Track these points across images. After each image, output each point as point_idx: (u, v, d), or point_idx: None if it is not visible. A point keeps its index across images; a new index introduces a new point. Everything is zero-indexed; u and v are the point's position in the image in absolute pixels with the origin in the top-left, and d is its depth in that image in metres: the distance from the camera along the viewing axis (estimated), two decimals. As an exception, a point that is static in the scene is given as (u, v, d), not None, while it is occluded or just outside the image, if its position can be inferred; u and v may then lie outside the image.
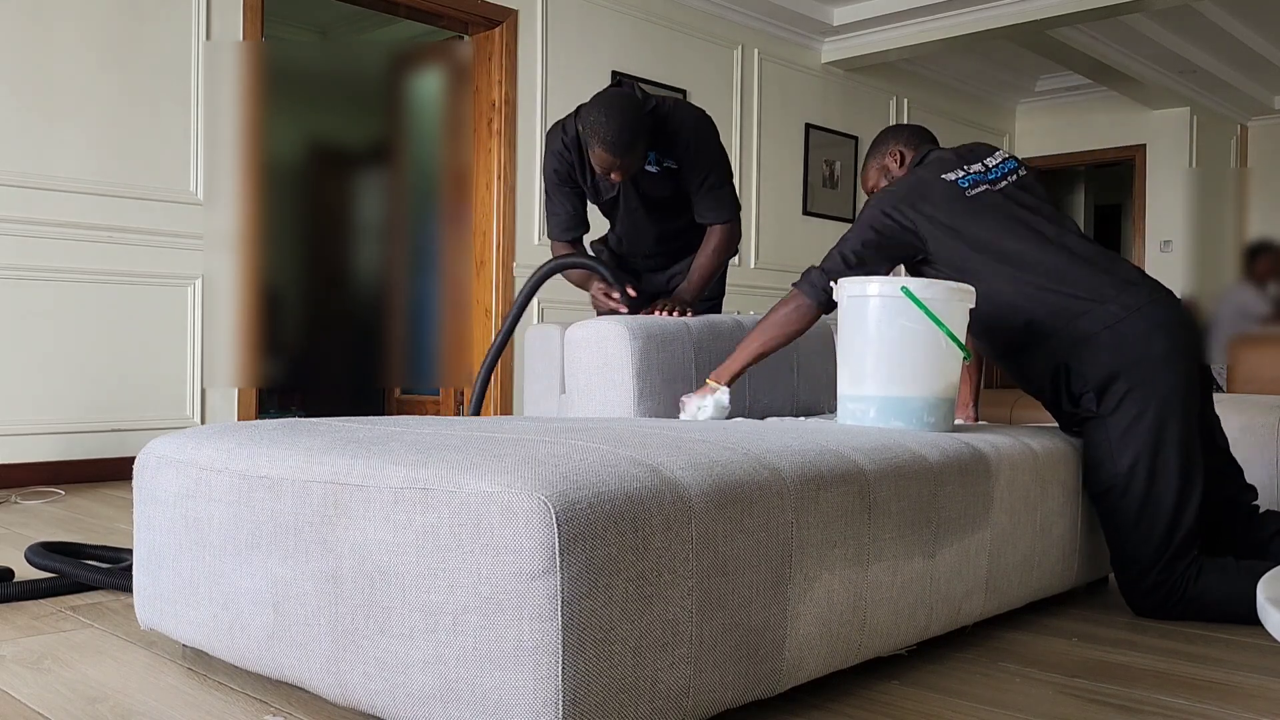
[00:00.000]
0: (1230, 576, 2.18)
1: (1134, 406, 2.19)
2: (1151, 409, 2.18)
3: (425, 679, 1.31)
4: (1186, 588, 2.18)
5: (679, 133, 2.85)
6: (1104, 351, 2.19)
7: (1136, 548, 2.21)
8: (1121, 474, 2.21)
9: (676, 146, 2.86)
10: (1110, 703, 1.68)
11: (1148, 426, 2.18)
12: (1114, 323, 2.19)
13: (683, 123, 2.86)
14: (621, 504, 1.28)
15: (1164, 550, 2.18)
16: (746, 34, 6.48)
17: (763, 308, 6.79)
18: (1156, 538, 2.18)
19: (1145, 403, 2.18)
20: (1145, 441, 2.18)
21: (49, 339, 3.94)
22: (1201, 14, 6.61)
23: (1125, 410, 2.19)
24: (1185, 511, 2.19)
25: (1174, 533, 2.18)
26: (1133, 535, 2.21)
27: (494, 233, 5.32)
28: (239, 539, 1.56)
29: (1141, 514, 2.19)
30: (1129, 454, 2.19)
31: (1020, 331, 2.28)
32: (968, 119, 8.38)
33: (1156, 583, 2.20)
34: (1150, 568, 2.20)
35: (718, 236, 2.93)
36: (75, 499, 3.63)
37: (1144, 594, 2.22)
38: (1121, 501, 2.21)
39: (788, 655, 1.54)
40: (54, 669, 1.73)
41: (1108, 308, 2.20)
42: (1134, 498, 2.20)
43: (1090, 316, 2.21)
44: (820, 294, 2.30)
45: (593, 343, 2.56)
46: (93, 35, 4.03)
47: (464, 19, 5.22)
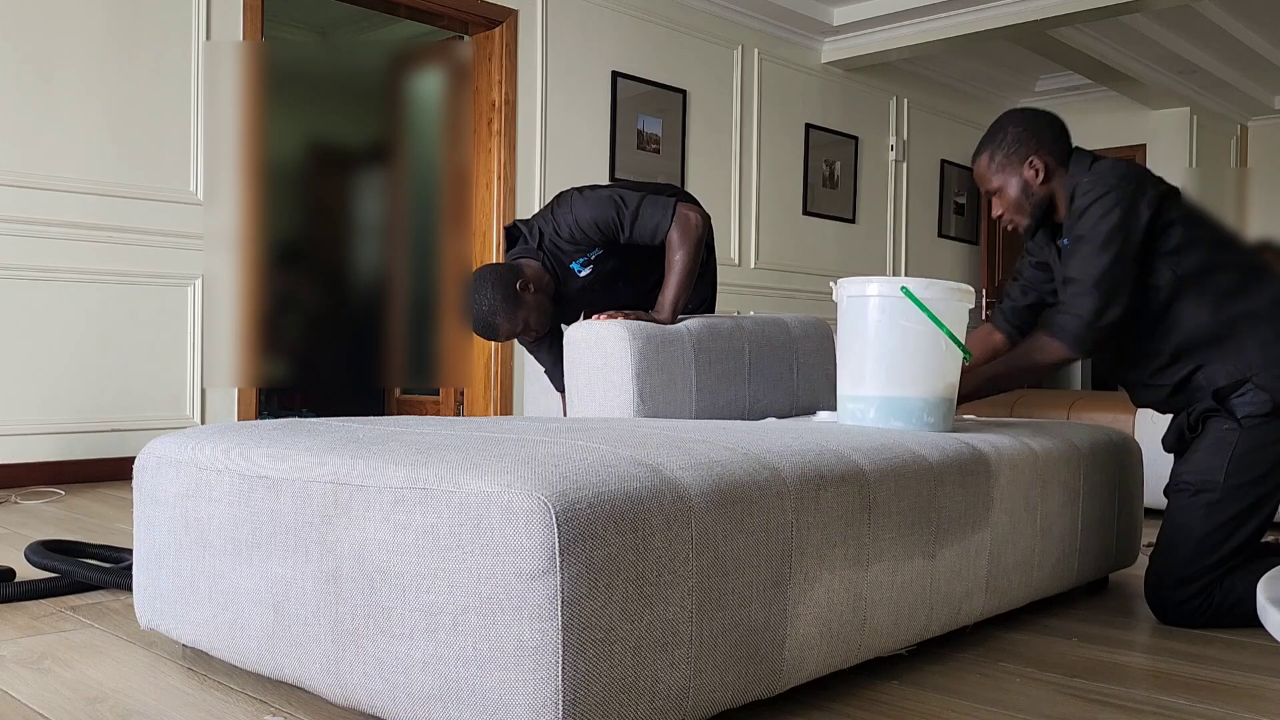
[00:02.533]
0: (1256, 576, 2.14)
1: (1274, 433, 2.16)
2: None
3: (425, 679, 1.31)
4: (1218, 594, 2.15)
5: (574, 227, 2.78)
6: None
7: (1200, 553, 2.16)
8: (1220, 485, 2.16)
9: (583, 237, 2.79)
10: (1110, 703, 1.68)
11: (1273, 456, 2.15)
12: None
13: (569, 219, 2.79)
14: (621, 504, 1.28)
15: (1215, 569, 2.16)
16: (746, 34, 6.48)
17: (763, 308, 6.80)
18: (1226, 550, 2.15)
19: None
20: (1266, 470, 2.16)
21: (49, 339, 3.94)
22: (1201, 14, 6.61)
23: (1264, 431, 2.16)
24: (1256, 537, 2.17)
25: (1238, 553, 2.16)
26: (1193, 543, 2.17)
27: (494, 233, 5.32)
28: (239, 539, 1.56)
29: (1223, 525, 2.15)
30: (1244, 474, 2.15)
31: (1228, 322, 2.20)
32: (968, 119, 8.38)
33: (1195, 594, 2.16)
34: (1199, 577, 2.16)
35: (674, 238, 2.77)
36: (75, 499, 3.63)
37: (1184, 602, 2.17)
38: (1206, 510, 2.16)
39: (788, 655, 1.54)
40: (54, 669, 1.73)
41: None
42: (1221, 513, 2.16)
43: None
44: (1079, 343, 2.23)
45: (593, 343, 2.56)
46: (93, 35, 4.03)
47: (464, 19, 5.22)
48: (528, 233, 2.85)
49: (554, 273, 2.83)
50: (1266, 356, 2.17)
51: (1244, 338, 2.19)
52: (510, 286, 2.71)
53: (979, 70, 8.05)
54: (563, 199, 2.85)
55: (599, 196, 2.80)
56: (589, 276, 2.86)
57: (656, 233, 2.76)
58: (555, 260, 2.83)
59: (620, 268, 2.90)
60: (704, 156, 6.23)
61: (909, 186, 7.82)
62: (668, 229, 2.76)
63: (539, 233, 2.83)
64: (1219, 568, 2.15)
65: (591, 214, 2.77)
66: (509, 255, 2.89)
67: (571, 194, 2.85)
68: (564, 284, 2.86)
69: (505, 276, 2.72)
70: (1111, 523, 2.46)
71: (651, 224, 2.76)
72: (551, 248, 2.81)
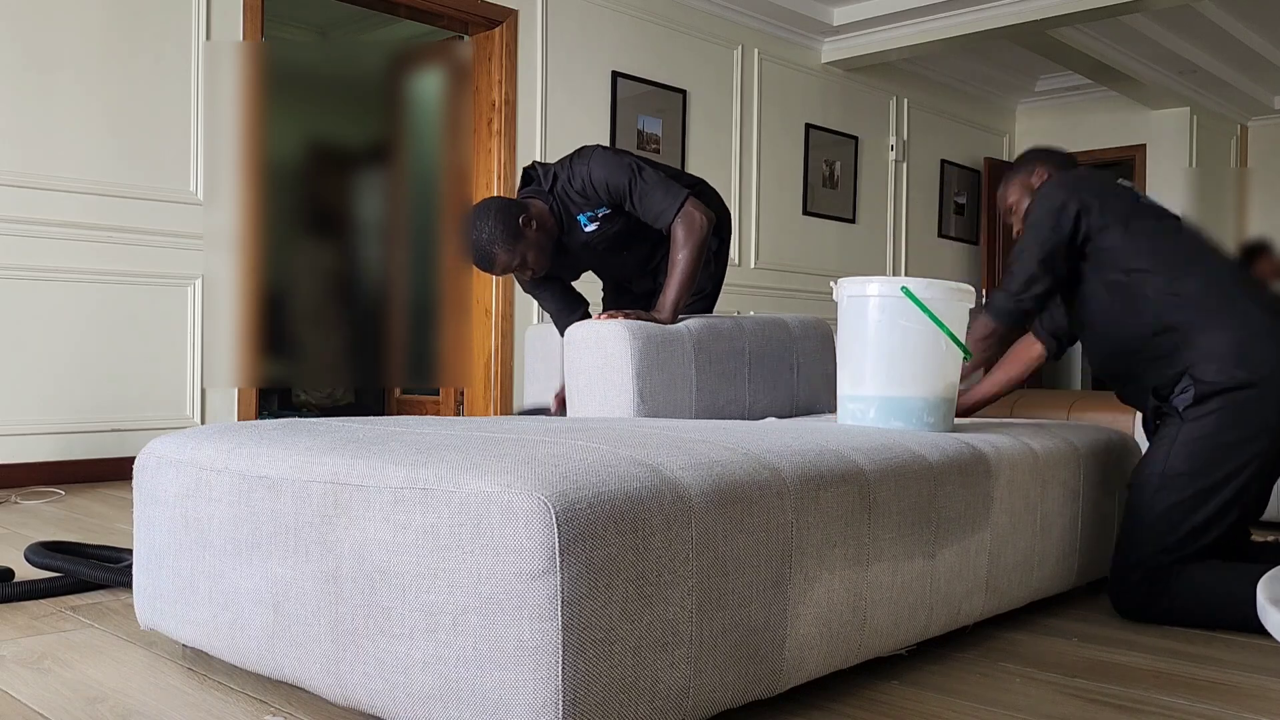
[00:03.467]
0: (1216, 577, 2.15)
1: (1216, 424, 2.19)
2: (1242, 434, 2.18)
3: (425, 679, 1.31)
4: (1169, 586, 2.17)
5: (586, 181, 2.79)
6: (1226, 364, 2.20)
7: (1143, 539, 2.21)
8: (1159, 474, 2.21)
9: (592, 194, 2.80)
10: (1110, 703, 1.68)
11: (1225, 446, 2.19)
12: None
13: (584, 172, 2.80)
14: (621, 504, 1.28)
15: (1160, 556, 2.18)
16: (746, 34, 6.48)
17: (763, 307, 6.80)
18: (1171, 539, 2.18)
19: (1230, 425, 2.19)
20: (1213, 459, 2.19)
21: (49, 339, 3.94)
22: (1201, 14, 6.61)
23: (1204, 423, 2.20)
24: (1211, 530, 2.18)
25: (1189, 541, 2.17)
26: (1141, 530, 2.21)
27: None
28: (239, 539, 1.56)
29: (1164, 514, 2.19)
30: (1182, 464, 2.19)
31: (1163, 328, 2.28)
32: (968, 119, 8.38)
33: (1141, 580, 2.20)
34: (1142, 564, 2.19)
35: (681, 229, 2.75)
36: (75, 499, 3.63)
37: (1129, 590, 2.21)
38: (1151, 497, 2.21)
39: (788, 655, 1.54)
40: (54, 669, 1.73)
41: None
42: (1160, 502, 2.20)
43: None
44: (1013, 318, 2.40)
45: (593, 343, 2.56)
46: (93, 35, 4.03)
47: (464, 19, 5.22)
48: (542, 175, 2.86)
49: (560, 219, 2.84)
50: (1198, 352, 2.22)
51: (1178, 336, 2.25)
52: (513, 219, 2.70)
53: (979, 70, 8.05)
54: (584, 152, 2.86)
55: (619, 161, 2.81)
56: (594, 234, 2.86)
57: (660, 218, 2.77)
58: (563, 208, 2.83)
59: (626, 234, 2.90)
60: (704, 156, 6.22)
61: (909, 186, 7.82)
62: (671, 219, 2.75)
63: (554, 177, 2.84)
64: (1165, 555, 2.17)
65: (605, 174, 2.79)
66: (520, 193, 2.90)
67: (595, 149, 2.85)
68: (567, 233, 2.86)
69: (509, 209, 2.72)
70: (1111, 523, 2.46)
71: (658, 207, 2.77)
72: (562, 194, 2.82)
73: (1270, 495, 2.33)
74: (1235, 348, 2.18)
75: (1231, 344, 2.19)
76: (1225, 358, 2.18)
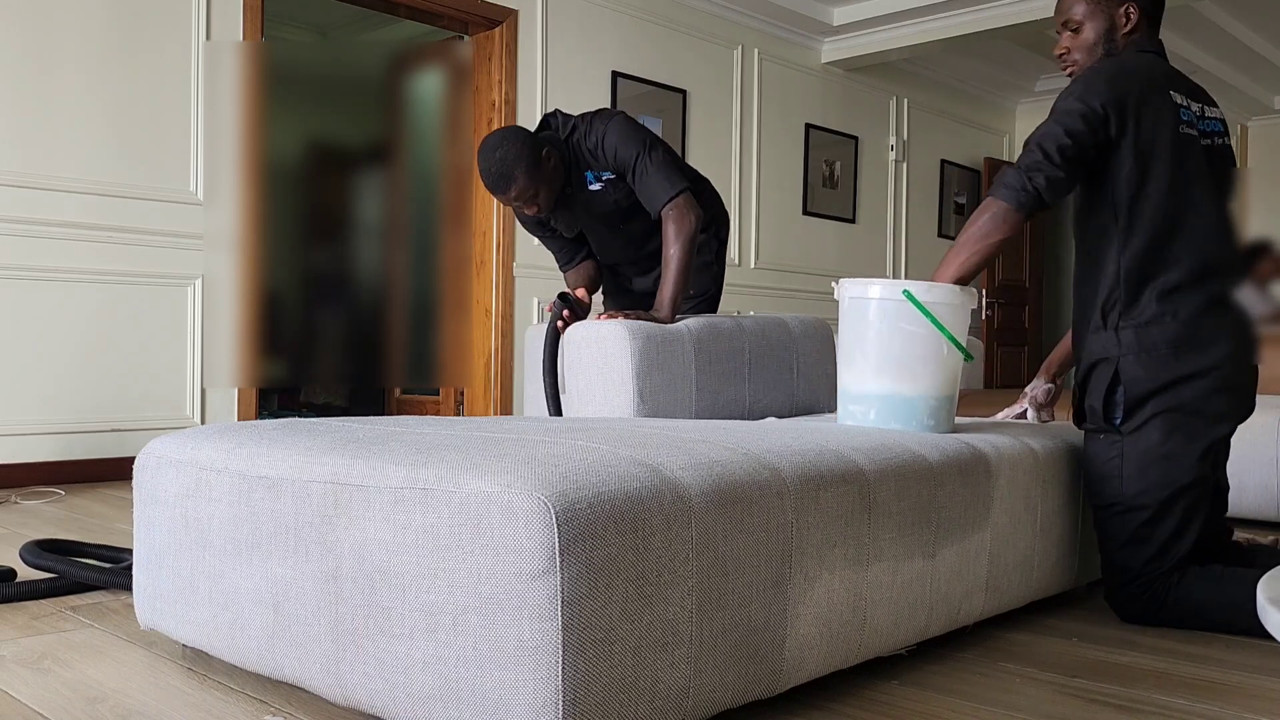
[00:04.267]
0: (1217, 583, 2.12)
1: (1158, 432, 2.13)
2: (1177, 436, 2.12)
3: (425, 679, 1.31)
4: (1169, 593, 2.13)
5: (599, 142, 2.85)
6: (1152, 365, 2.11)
7: (1126, 558, 2.17)
8: (1121, 498, 2.16)
9: (601, 156, 2.86)
10: (1110, 703, 1.68)
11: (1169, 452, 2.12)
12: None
13: (600, 132, 2.85)
14: (621, 504, 1.28)
15: (1157, 562, 2.15)
16: (746, 34, 6.48)
17: (763, 308, 6.80)
18: (1150, 551, 2.14)
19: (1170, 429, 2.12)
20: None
21: (49, 339, 3.94)
22: (1201, 14, 6.61)
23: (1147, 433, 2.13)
24: (1187, 533, 2.14)
25: (1169, 549, 2.14)
26: (1121, 553, 2.17)
27: (494, 233, 5.32)
28: (239, 539, 1.56)
29: (1135, 534, 2.15)
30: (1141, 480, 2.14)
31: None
32: (968, 119, 8.38)
33: (1138, 592, 2.16)
34: (1138, 578, 2.16)
35: (671, 223, 2.77)
36: (75, 499, 3.63)
37: (1128, 600, 2.18)
38: (1118, 521, 2.17)
39: (788, 655, 1.54)
40: (54, 669, 1.73)
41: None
42: (1133, 519, 2.15)
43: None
44: (1021, 195, 2.05)
45: (593, 343, 2.56)
46: (93, 35, 4.03)
47: (464, 19, 5.22)
48: (562, 123, 2.91)
49: (568, 171, 2.88)
50: (1130, 359, 2.15)
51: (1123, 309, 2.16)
52: (537, 149, 2.76)
53: (979, 70, 8.05)
54: (605, 114, 2.91)
55: (634, 134, 2.85)
56: (595, 195, 2.91)
57: (652, 200, 2.82)
58: (574, 160, 2.88)
59: (626, 209, 2.95)
60: (704, 156, 6.22)
61: (909, 186, 7.82)
62: (662, 205, 2.79)
63: (572, 127, 2.88)
64: (1151, 566, 2.13)
65: (616, 141, 2.84)
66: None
67: (616, 115, 2.91)
68: (570, 185, 2.90)
69: (534, 139, 2.78)
70: (1111, 523, 2.46)
71: (653, 190, 2.81)
72: (576, 146, 2.87)
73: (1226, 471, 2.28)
74: (1172, 350, 2.12)
75: (1169, 347, 2.12)
76: (1160, 361, 2.12)
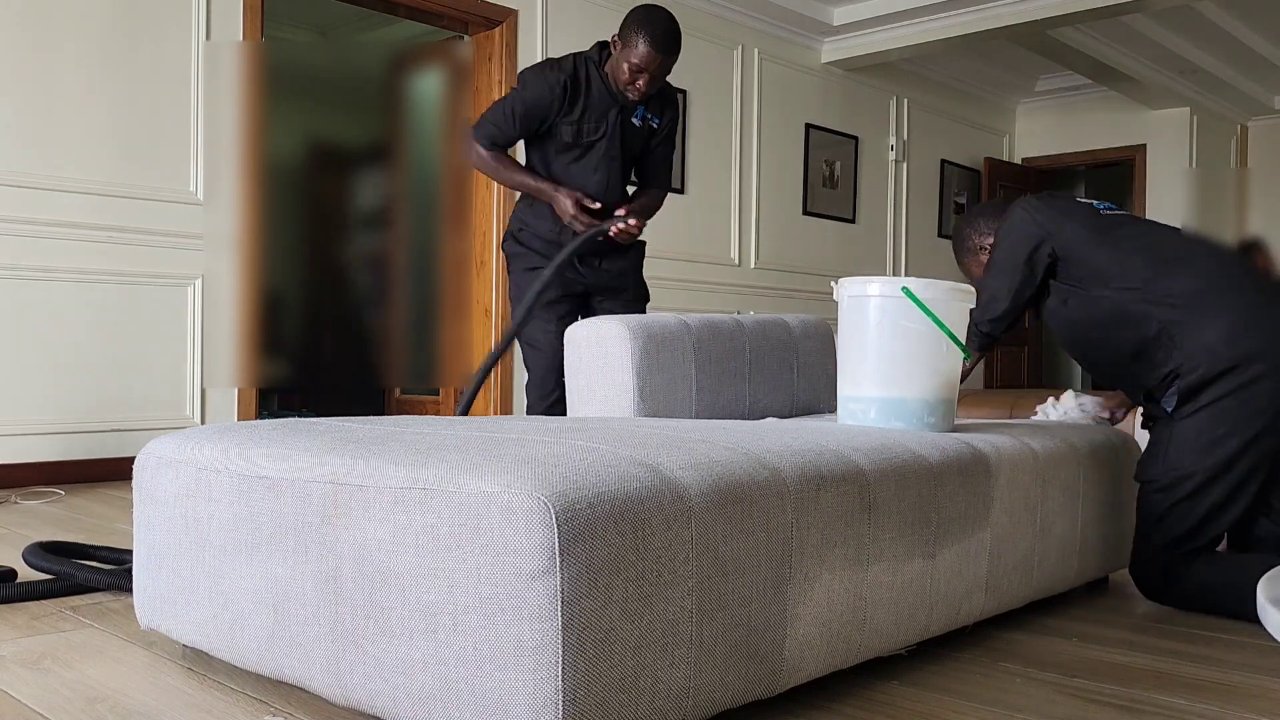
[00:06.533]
0: (1217, 572, 2.25)
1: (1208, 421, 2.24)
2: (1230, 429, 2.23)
3: (425, 679, 1.31)
4: (1180, 579, 2.27)
5: (672, 98, 3.27)
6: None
7: (1152, 539, 2.31)
8: (1161, 478, 2.29)
9: (668, 108, 3.26)
10: (1110, 703, 1.68)
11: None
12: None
13: (672, 94, 3.28)
14: (621, 504, 1.28)
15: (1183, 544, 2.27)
16: (746, 34, 6.48)
17: (763, 308, 6.79)
18: (1175, 534, 2.26)
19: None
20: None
21: (49, 339, 3.94)
22: (1201, 14, 6.61)
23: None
24: (1212, 522, 2.26)
25: (1192, 537, 2.26)
26: (1151, 529, 2.30)
27: (494, 233, 5.32)
28: (239, 539, 1.56)
29: (1166, 514, 2.27)
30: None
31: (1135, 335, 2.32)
32: (968, 119, 8.38)
33: (1159, 569, 2.30)
34: (1154, 559, 2.31)
35: (657, 198, 3.36)
36: (75, 499, 3.63)
37: (1148, 577, 2.33)
38: (1154, 499, 2.30)
39: (788, 655, 1.54)
40: (54, 669, 1.73)
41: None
42: (1166, 498, 2.28)
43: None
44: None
45: (593, 342, 2.56)
46: (93, 35, 4.03)
47: (464, 19, 5.22)
48: (599, 50, 3.29)
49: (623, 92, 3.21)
50: (1184, 352, 2.26)
51: (1167, 340, 2.28)
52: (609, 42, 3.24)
53: (979, 70, 8.05)
54: (674, 95, 3.35)
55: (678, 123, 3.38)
56: (631, 127, 3.24)
57: (661, 180, 3.42)
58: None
59: (637, 157, 3.34)
60: (704, 156, 6.22)
61: (909, 186, 7.82)
62: (665, 191, 3.42)
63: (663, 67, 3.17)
64: (1175, 548, 2.28)
65: (675, 114, 3.34)
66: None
67: (679, 101, 3.40)
68: (621, 101, 3.21)
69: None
70: (1111, 522, 2.46)
71: (669, 172, 3.44)
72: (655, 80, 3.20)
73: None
74: (1221, 340, 2.20)
75: (1218, 337, 2.21)
76: (1211, 351, 2.21)
